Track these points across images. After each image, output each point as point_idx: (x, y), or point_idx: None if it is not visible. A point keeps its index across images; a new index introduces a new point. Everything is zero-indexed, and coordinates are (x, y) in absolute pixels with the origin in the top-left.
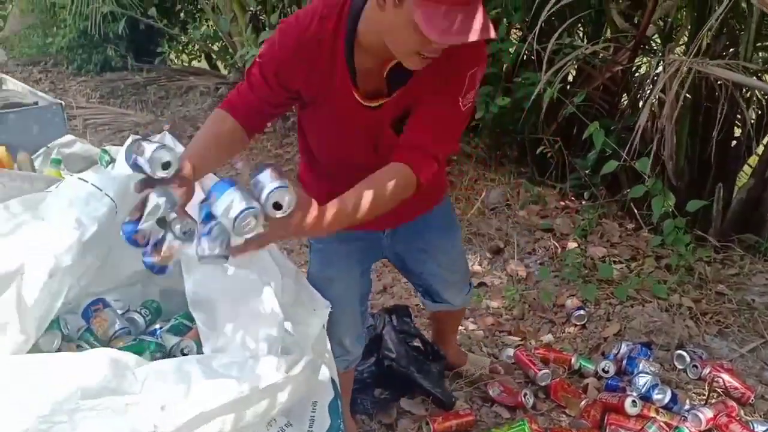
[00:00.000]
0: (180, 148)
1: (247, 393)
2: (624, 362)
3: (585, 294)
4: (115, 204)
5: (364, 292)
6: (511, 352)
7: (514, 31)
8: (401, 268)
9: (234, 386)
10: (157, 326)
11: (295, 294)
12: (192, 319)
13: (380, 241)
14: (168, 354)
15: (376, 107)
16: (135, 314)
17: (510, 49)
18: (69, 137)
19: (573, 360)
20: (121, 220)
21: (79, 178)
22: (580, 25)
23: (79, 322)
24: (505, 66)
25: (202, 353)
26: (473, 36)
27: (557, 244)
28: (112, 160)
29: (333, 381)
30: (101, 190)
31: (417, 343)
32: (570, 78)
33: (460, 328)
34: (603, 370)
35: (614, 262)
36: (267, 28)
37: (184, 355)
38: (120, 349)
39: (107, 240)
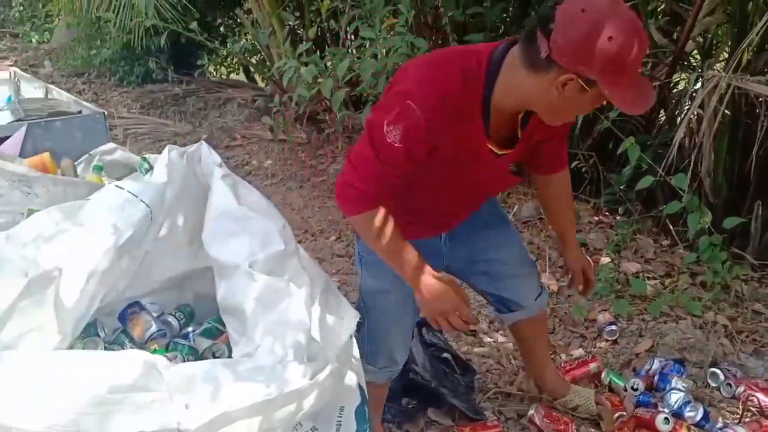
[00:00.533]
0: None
1: (273, 397)
2: (656, 378)
3: (617, 309)
4: (150, 210)
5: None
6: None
7: None
8: (468, 275)
9: (260, 390)
10: (190, 329)
11: (324, 302)
12: (224, 324)
13: (440, 249)
14: (200, 356)
15: (503, 155)
16: (170, 317)
17: None
18: (110, 145)
19: (603, 375)
20: (157, 224)
21: (116, 186)
22: None
23: (116, 325)
24: None
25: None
26: (652, 100)
27: (590, 259)
28: (151, 168)
29: (360, 387)
30: (137, 197)
31: (446, 356)
32: None
33: (489, 340)
34: (632, 387)
35: (648, 277)
36: (303, 41)
37: (215, 357)
38: (154, 351)
39: (143, 245)
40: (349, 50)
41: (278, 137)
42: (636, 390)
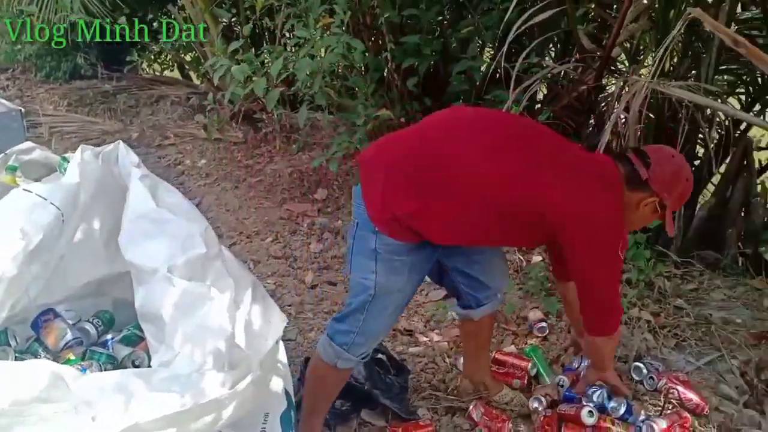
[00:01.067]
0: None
1: (188, 407)
2: (582, 374)
3: (547, 307)
4: (61, 212)
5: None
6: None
7: (487, 49)
8: (449, 256)
9: (174, 400)
10: (110, 337)
11: (250, 306)
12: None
13: (437, 249)
14: (119, 365)
15: None
16: (87, 324)
17: (481, 68)
18: (28, 144)
19: (529, 367)
20: (71, 227)
21: (24, 189)
22: (551, 45)
23: (29, 333)
24: (476, 84)
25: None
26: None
27: (522, 258)
28: None
29: (286, 392)
30: (46, 200)
31: (381, 356)
32: (540, 97)
33: (424, 339)
34: (559, 384)
35: None
36: (239, 38)
37: (135, 366)
38: (69, 360)
39: (55, 249)
40: (286, 49)
41: (213, 136)
42: (562, 386)
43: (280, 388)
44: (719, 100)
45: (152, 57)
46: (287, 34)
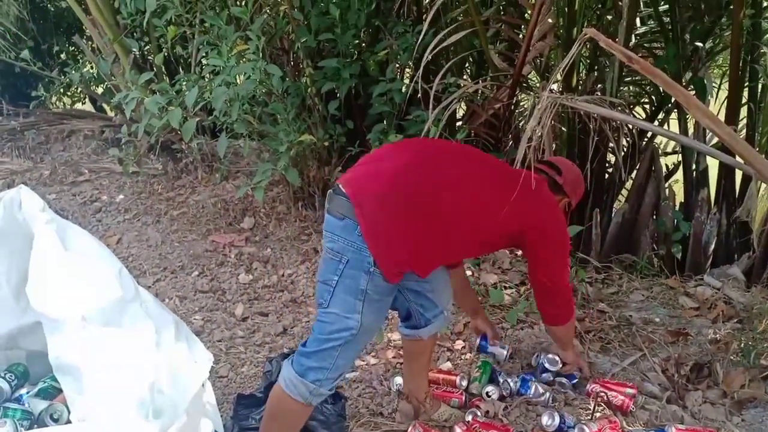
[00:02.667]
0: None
1: None
2: (518, 385)
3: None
4: None
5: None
6: None
7: (408, 70)
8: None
9: None
10: (24, 391)
11: (173, 347)
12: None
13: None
14: (36, 421)
15: None
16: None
17: (401, 89)
18: None
19: (457, 380)
20: None
21: None
22: (467, 65)
23: None
24: (397, 105)
25: None
26: None
27: None
28: None
29: None
30: None
31: None
32: (459, 115)
33: (360, 363)
34: (486, 394)
35: (505, 287)
36: (153, 69)
37: (54, 420)
38: None
39: None
40: (202, 77)
41: (129, 170)
42: (490, 396)
43: (210, 430)
44: (626, 111)
45: (61, 90)
46: (202, 62)
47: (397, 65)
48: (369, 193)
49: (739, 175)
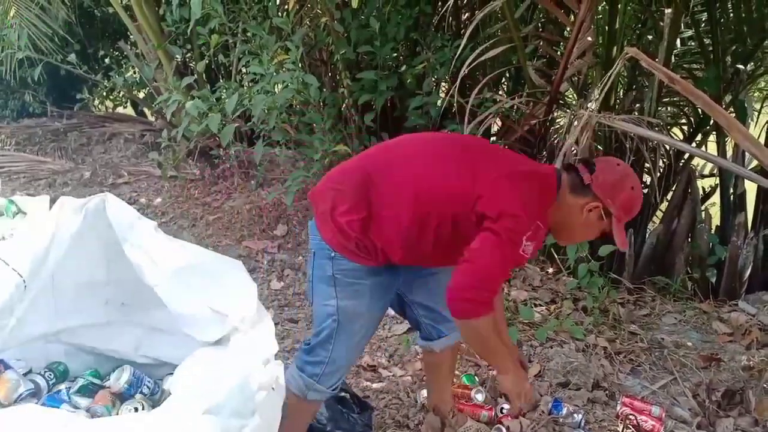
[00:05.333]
0: None
1: None
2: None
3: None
4: (23, 279)
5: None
6: None
7: (443, 84)
8: (411, 289)
9: None
10: (63, 387)
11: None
12: (101, 377)
13: (398, 277)
14: None
15: None
16: (37, 377)
17: (437, 102)
18: None
19: (472, 393)
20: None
21: None
22: (503, 80)
23: None
24: (433, 118)
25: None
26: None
27: None
28: (19, 211)
29: None
30: (8, 265)
31: (344, 395)
32: (495, 130)
33: (388, 374)
34: (501, 410)
35: (535, 304)
36: (193, 74)
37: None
38: None
39: (13, 314)
40: (242, 85)
41: (168, 174)
42: (503, 412)
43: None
44: (664, 132)
45: (104, 94)
46: (243, 70)
47: (434, 79)
48: (322, 189)
49: None
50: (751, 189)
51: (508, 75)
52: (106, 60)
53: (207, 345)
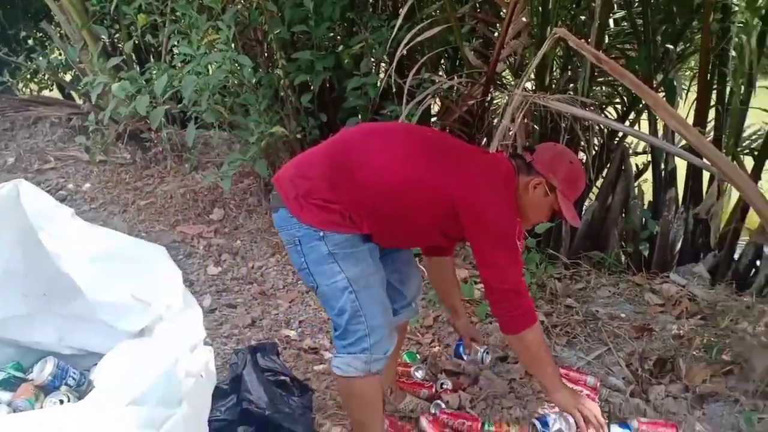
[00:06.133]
0: None
1: None
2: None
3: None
4: None
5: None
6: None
7: (383, 65)
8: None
9: None
10: None
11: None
12: (23, 369)
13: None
14: None
15: None
16: None
17: (376, 83)
18: None
19: (412, 371)
20: None
21: None
22: (442, 61)
23: None
24: (371, 99)
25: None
26: (579, 221)
27: (423, 268)
28: None
29: None
30: None
31: (284, 378)
32: (435, 111)
33: (330, 356)
34: (441, 385)
35: (475, 282)
36: (122, 55)
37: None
38: None
39: None
40: (172, 66)
41: (96, 158)
42: (444, 387)
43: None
44: (597, 111)
45: (27, 77)
46: (173, 51)
47: (372, 59)
48: (286, 176)
49: (706, 176)
50: (681, 165)
51: (446, 55)
52: (29, 41)
53: (132, 334)
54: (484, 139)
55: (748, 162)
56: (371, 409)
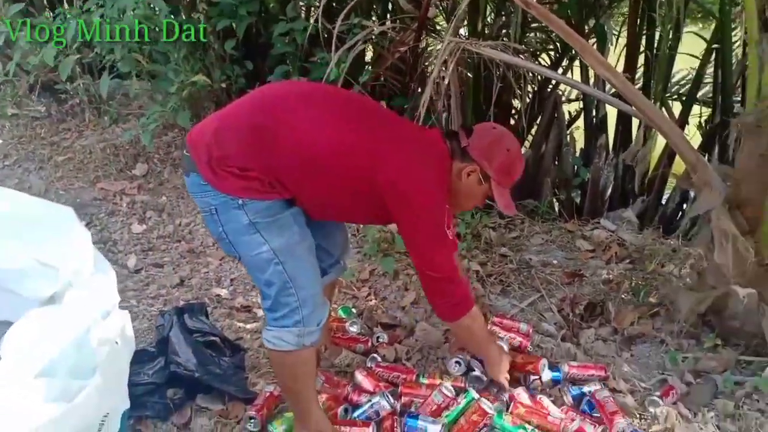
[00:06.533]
0: None
1: None
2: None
3: (385, 266)
4: None
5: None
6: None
7: (313, 10)
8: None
9: None
10: None
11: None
12: None
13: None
14: None
15: None
16: None
17: (304, 28)
18: None
19: (347, 326)
20: None
21: None
22: (374, 6)
23: None
24: (299, 45)
25: None
26: (514, 210)
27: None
28: None
29: None
30: None
31: (214, 339)
32: (369, 58)
33: (262, 314)
34: (377, 339)
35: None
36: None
37: None
38: None
39: None
40: (86, 11)
41: (8, 112)
42: (380, 341)
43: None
44: (531, 59)
45: None
46: None
47: (301, 3)
48: (202, 137)
49: (636, 122)
50: (612, 112)
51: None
52: None
53: (40, 302)
54: (417, 89)
55: (677, 107)
56: (304, 379)
